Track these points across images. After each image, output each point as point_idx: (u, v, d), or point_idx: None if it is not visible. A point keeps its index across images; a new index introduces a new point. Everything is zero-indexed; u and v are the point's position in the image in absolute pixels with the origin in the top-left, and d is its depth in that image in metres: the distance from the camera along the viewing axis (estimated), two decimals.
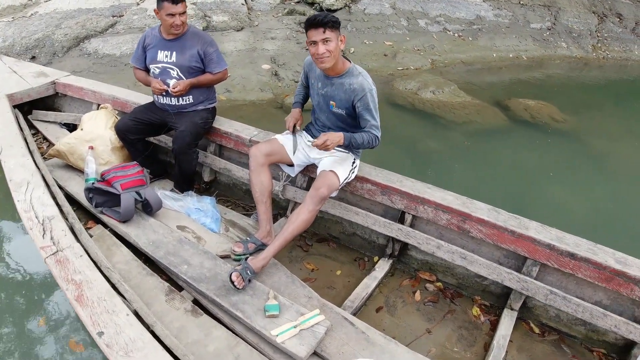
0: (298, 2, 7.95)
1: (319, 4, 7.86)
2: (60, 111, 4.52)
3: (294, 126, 2.88)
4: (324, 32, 2.42)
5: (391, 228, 2.85)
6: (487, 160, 4.98)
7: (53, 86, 4.39)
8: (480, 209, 2.65)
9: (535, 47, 9.38)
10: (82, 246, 2.50)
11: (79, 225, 2.78)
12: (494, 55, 8.65)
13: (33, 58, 6.04)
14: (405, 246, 2.97)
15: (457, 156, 5.01)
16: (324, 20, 2.40)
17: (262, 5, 7.75)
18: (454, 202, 2.71)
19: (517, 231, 2.50)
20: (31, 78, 4.44)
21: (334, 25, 2.44)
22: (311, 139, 2.86)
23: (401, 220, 2.89)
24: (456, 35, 8.70)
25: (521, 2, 10.14)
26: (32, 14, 6.85)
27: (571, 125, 5.97)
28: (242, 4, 7.46)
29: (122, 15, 6.86)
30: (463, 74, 7.68)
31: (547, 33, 9.88)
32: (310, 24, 2.44)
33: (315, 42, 2.45)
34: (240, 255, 2.70)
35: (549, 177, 4.71)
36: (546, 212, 3.99)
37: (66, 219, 2.83)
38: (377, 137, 2.60)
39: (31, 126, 4.27)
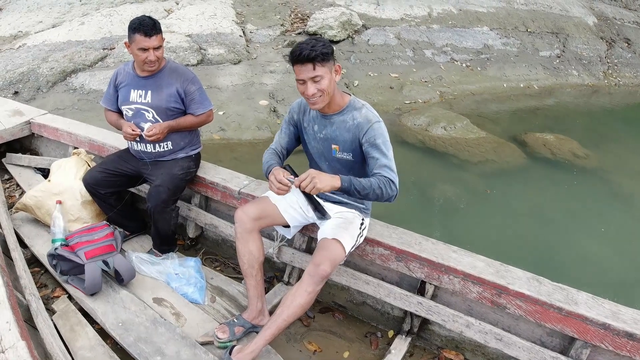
0: (299, 34, 7.63)
1: (320, 36, 7.54)
2: (37, 153, 4.15)
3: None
4: (314, 68, 1.96)
5: (409, 301, 2.36)
6: (509, 206, 4.51)
7: (28, 126, 4.02)
8: (519, 279, 2.16)
9: (546, 75, 9.09)
10: (39, 333, 2.14)
11: (36, 304, 2.34)
12: (505, 85, 8.32)
13: (16, 93, 5.70)
14: (426, 320, 2.47)
15: (476, 202, 4.55)
16: (312, 55, 1.93)
17: (261, 37, 7.43)
18: (486, 270, 2.21)
19: (565, 308, 2.01)
20: (6, 117, 4.08)
21: (325, 57, 1.96)
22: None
23: (421, 291, 2.39)
24: (464, 65, 8.38)
25: (529, 30, 9.90)
26: (20, 46, 6.57)
27: (595, 162, 5.55)
28: (240, 36, 7.13)
29: (114, 48, 6.54)
30: (474, 106, 7.31)
31: (557, 61, 9.61)
32: (296, 60, 1.97)
33: (303, 81, 2.00)
34: (225, 342, 2.20)
35: (579, 225, 4.21)
36: (578, 266, 3.49)
37: (23, 295, 2.38)
38: (392, 180, 1.99)
39: (5, 170, 3.92)
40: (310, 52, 1.92)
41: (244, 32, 7.33)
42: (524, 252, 3.60)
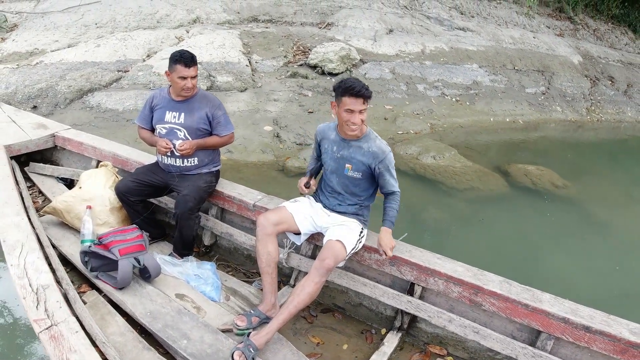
0: (301, 65, 8.09)
1: (321, 68, 8.00)
2: (58, 164, 4.44)
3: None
4: (364, 103, 2.49)
5: (400, 300, 2.74)
6: (491, 228, 4.91)
7: (52, 139, 4.34)
8: (492, 281, 2.58)
9: (531, 111, 9.54)
10: (78, 319, 2.37)
11: (73, 293, 2.66)
12: (491, 119, 8.79)
13: (34, 107, 6.00)
14: (414, 318, 2.85)
15: (461, 225, 4.94)
16: (367, 94, 2.48)
17: (266, 67, 7.87)
18: (465, 274, 2.62)
19: (531, 304, 2.42)
20: (30, 129, 4.39)
21: (370, 98, 2.55)
22: (323, 208, 2.84)
23: (410, 292, 2.78)
24: (454, 99, 8.86)
25: (516, 68, 10.42)
26: (37, 63, 6.87)
27: (572, 192, 5.97)
28: (247, 66, 7.56)
29: (128, 71, 6.93)
30: (462, 137, 7.75)
31: (542, 97, 10.10)
32: (351, 94, 2.47)
33: (352, 111, 2.50)
34: (243, 329, 2.56)
35: (555, 247, 4.63)
36: (554, 282, 3.88)
37: (60, 285, 2.70)
38: (398, 194, 2.75)
39: (27, 178, 4.18)
40: (366, 91, 2.48)
41: (250, 62, 7.75)
42: (498, 264, 3.96)
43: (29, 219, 3.30)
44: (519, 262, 4.29)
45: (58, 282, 2.74)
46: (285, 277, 3.25)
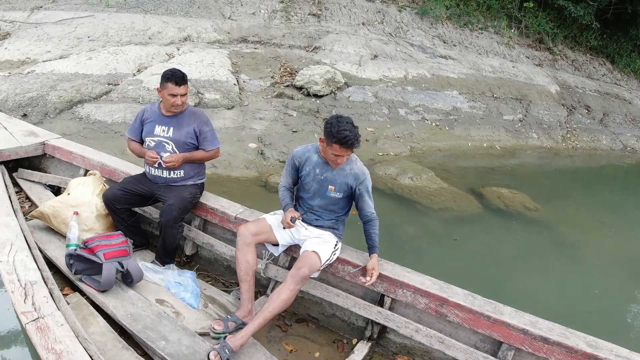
0: (287, 86, 8.31)
1: (306, 89, 8.23)
2: (45, 172, 4.54)
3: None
4: (352, 151, 2.71)
5: (371, 310, 2.90)
6: (463, 247, 5.12)
7: (42, 147, 4.46)
8: (457, 294, 2.74)
9: (507, 137, 9.84)
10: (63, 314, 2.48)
11: (57, 292, 2.75)
12: (469, 144, 9.07)
13: (24, 116, 6.09)
14: (384, 329, 3.00)
15: (435, 243, 5.15)
16: (357, 145, 2.66)
17: (253, 86, 8.07)
18: (432, 286, 2.79)
19: (493, 316, 2.58)
20: (21, 136, 4.51)
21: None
22: (301, 221, 2.99)
23: (380, 303, 2.94)
24: (434, 124, 9.14)
25: (494, 95, 10.75)
26: (28, 72, 6.97)
27: (543, 214, 6.22)
28: (234, 84, 7.75)
29: (118, 84, 7.06)
30: (440, 161, 8.01)
31: (519, 124, 10.42)
32: (342, 144, 2.63)
33: (340, 156, 2.70)
34: (220, 333, 2.70)
35: (523, 266, 4.86)
36: (521, 299, 4.06)
37: (46, 284, 2.81)
38: (377, 220, 2.92)
39: (15, 184, 4.28)
40: (357, 143, 2.65)
41: (237, 81, 7.94)
42: (468, 280, 4.16)
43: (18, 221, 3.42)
44: (488, 279, 4.49)
45: (44, 281, 2.86)
46: (263, 287, 3.39)
